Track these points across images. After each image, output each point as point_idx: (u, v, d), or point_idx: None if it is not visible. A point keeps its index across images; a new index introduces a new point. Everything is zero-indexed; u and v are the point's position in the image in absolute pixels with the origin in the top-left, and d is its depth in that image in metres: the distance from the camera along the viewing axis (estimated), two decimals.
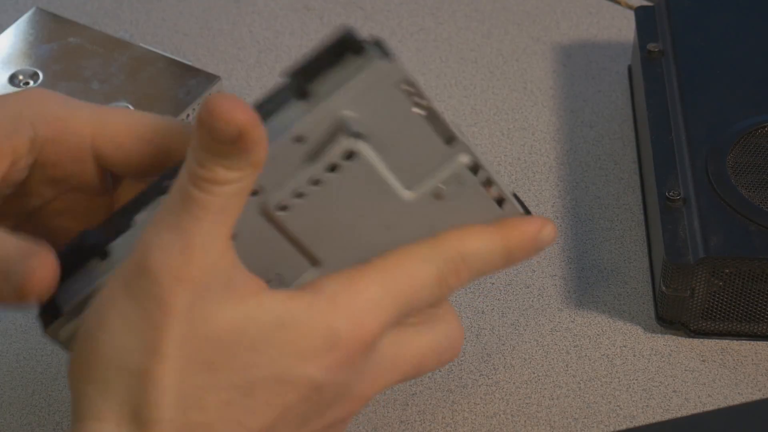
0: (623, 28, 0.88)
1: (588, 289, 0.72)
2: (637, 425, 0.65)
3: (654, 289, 0.71)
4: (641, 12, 0.82)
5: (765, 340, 0.69)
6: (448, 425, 0.65)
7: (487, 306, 0.71)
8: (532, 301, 0.71)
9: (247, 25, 0.89)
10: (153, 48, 0.82)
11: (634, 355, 0.68)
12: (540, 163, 0.79)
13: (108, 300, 0.50)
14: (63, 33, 0.83)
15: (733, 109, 0.74)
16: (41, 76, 0.80)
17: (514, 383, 0.67)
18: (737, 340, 0.69)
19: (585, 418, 0.65)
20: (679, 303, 0.68)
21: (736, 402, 0.66)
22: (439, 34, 0.88)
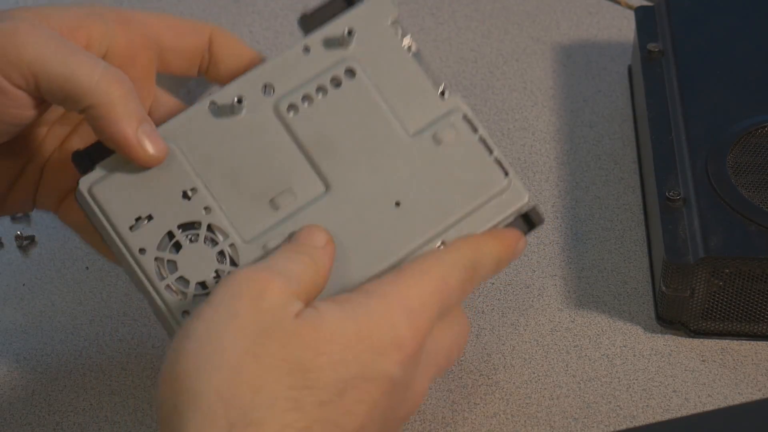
0: (623, 28, 0.88)
1: (588, 289, 0.72)
2: (637, 425, 0.65)
3: (654, 289, 0.71)
4: (641, 12, 0.82)
5: (765, 340, 0.69)
6: (448, 425, 0.65)
7: (487, 306, 0.71)
8: (532, 301, 0.71)
9: (247, 25, 0.89)
10: None
11: (634, 355, 0.68)
12: (540, 163, 0.79)
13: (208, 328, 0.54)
14: None
15: (733, 109, 0.74)
16: None
17: (514, 383, 0.67)
18: (737, 340, 0.69)
19: (585, 418, 0.65)
20: (679, 303, 0.68)
21: (736, 402, 0.66)
22: (439, 34, 0.88)
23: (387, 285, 0.56)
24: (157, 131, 0.59)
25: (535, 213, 0.61)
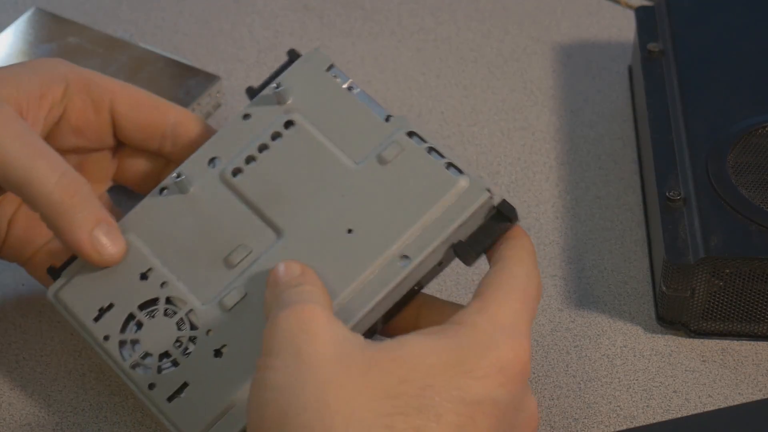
0: (623, 28, 0.88)
1: (588, 289, 0.72)
2: (638, 425, 0.65)
3: (654, 289, 0.71)
4: (641, 12, 0.82)
5: (765, 340, 0.69)
6: None
7: None
8: None
9: (247, 25, 0.89)
10: (153, 48, 0.82)
11: (634, 356, 0.68)
12: (540, 163, 0.79)
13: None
14: (62, 33, 0.83)
15: (733, 109, 0.74)
16: None
17: None
18: (737, 340, 0.69)
19: (585, 418, 0.65)
20: (680, 303, 0.68)
21: (736, 402, 0.66)
22: (439, 34, 0.88)
23: (474, 313, 0.56)
24: (117, 227, 0.63)
25: (505, 206, 0.61)
